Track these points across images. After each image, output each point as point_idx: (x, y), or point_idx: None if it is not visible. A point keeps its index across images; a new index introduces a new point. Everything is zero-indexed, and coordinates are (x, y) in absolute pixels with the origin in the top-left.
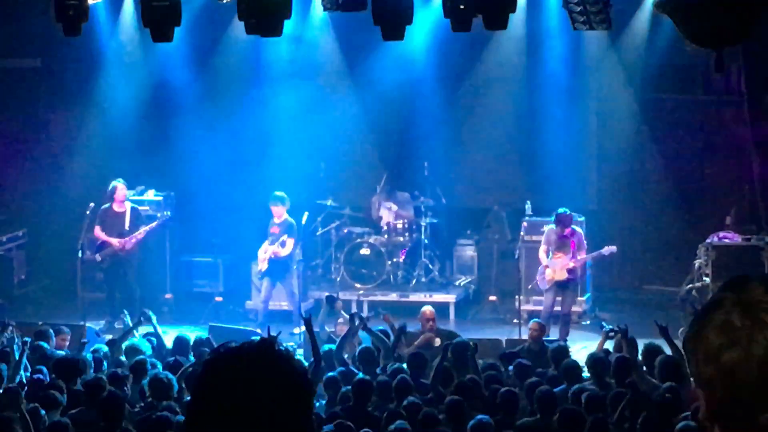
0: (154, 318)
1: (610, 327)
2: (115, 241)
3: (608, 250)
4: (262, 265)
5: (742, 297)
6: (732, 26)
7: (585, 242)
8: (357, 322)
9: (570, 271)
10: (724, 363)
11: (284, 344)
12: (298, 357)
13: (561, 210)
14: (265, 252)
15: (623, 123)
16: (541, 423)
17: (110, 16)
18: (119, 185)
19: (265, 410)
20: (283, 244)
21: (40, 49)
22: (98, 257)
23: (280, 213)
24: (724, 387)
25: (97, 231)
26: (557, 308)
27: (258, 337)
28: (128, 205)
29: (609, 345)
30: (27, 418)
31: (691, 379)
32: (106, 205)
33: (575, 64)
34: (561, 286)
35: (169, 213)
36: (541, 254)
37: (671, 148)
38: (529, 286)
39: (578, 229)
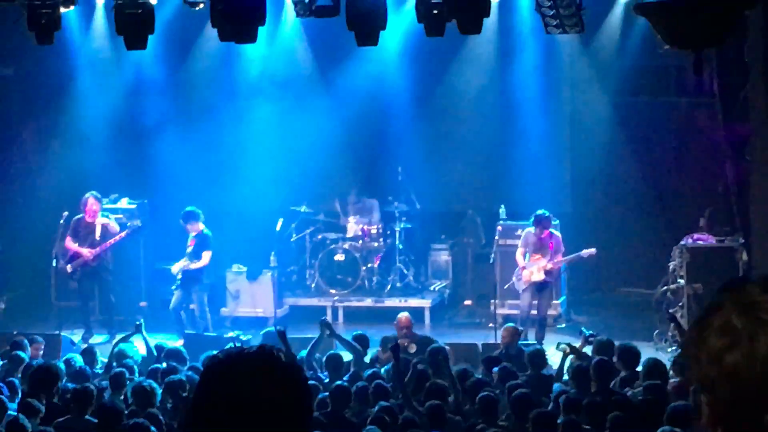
0: (143, 327)
1: (590, 332)
2: (85, 251)
3: (587, 252)
4: (178, 275)
5: (740, 298)
6: (711, 28)
7: (562, 245)
8: (326, 331)
9: (547, 273)
10: (727, 364)
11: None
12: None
13: (540, 212)
14: (181, 264)
15: (597, 125)
16: (516, 426)
17: (83, 24)
18: (90, 198)
19: (265, 416)
20: (198, 257)
21: (13, 58)
22: (69, 268)
23: (195, 228)
24: (728, 388)
25: (68, 241)
26: (534, 311)
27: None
28: (99, 221)
29: (587, 349)
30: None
31: (692, 384)
32: (79, 216)
33: (548, 68)
34: (538, 288)
35: (139, 222)
36: (518, 256)
37: (645, 150)
38: (506, 287)
39: (556, 232)
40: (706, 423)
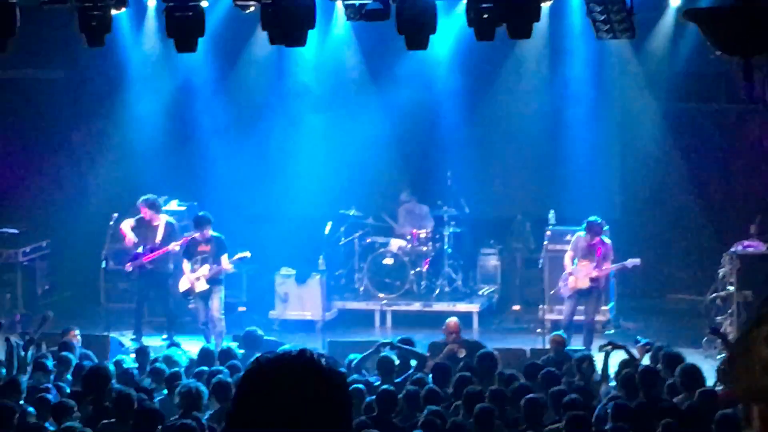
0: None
1: (646, 341)
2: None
3: (632, 263)
4: (198, 287)
5: None
6: (761, 34)
7: (612, 253)
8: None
9: (593, 279)
10: None
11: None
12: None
13: (592, 218)
14: (197, 273)
15: (646, 132)
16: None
17: (133, 27)
18: (142, 207)
19: (305, 419)
20: (218, 262)
21: (64, 61)
22: (129, 267)
23: (206, 233)
24: None
25: (130, 236)
26: (578, 317)
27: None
28: (164, 219)
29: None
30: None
31: (742, 394)
32: (140, 216)
33: (598, 73)
34: (583, 295)
35: (198, 234)
36: (567, 260)
37: (695, 156)
38: (552, 292)
39: (606, 240)
40: None
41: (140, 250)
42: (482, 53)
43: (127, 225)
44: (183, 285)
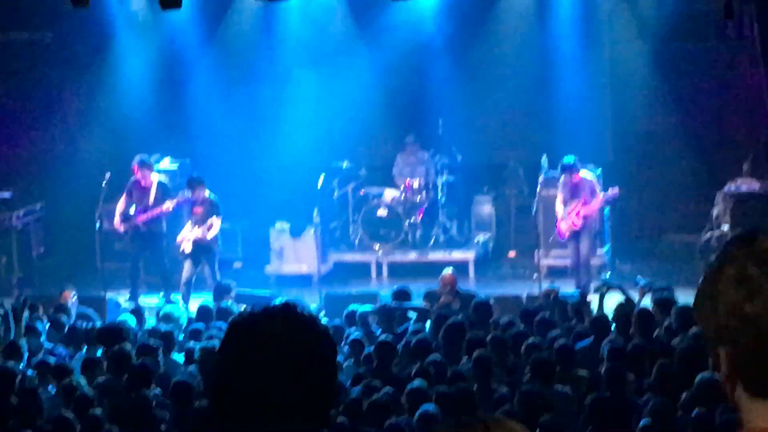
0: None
1: (646, 280)
2: (117, 221)
3: (611, 192)
4: (186, 247)
5: (754, 249)
6: None
7: (598, 189)
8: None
9: (583, 217)
10: (747, 314)
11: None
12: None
13: (565, 159)
14: (190, 233)
15: (637, 73)
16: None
17: None
18: (135, 167)
19: (290, 369)
20: (209, 226)
21: (50, 23)
22: (122, 227)
23: (201, 194)
24: (750, 339)
25: (121, 202)
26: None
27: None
28: (155, 179)
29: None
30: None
31: (708, 336)
32: (134, 177)
33: (587, 17)
34: (577, 234)
35: (189, 194)
36: (558, 205)
37: (686, 96)
38: (550, 239)
39: (589, 176)
40: (725, 376)
41: (132, 211)
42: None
43: (122, 202)
44: (181, 245)
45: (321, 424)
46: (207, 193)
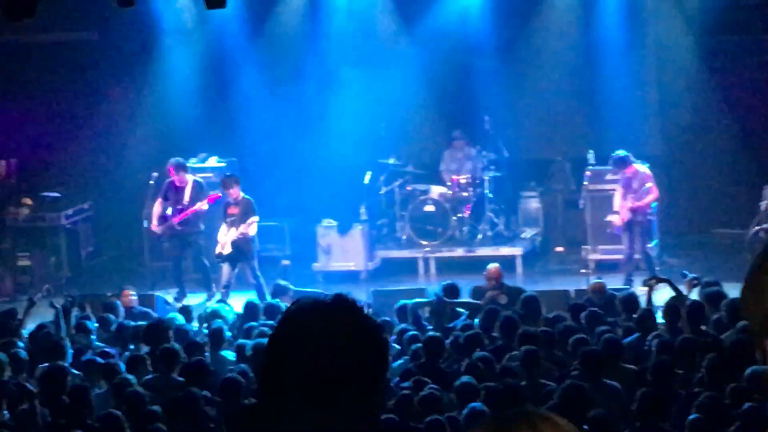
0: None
1: (693, 275)
2: (154, 223)
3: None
4: (225, 249)
5: None
6: None
7: (649, 180)
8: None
9: (632, 211)
10: None
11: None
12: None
13: (616, 152)
14: (226, 235)
15: (684, 66)
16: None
17: None
18: (170, 169)
19: (339, 360)
20: (249, 224)
21: (97, 22)
22: (158, 230)
23: (235, 193)
24: None
25: (157, 204)
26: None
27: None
28: (190, 179)
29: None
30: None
31: (755, 327)
32: (170, 178)
33: (633, 11)
34: (628, 227)
35: (219, 194)
36: (615, 198)
37: (733, 89)
38: (609, 230)
39: (642, 169)
40: None
41: (169, 211)
42: None
43: (158, 204)
44: (217, 248)
45: (370, 421)
46: (241, 193)
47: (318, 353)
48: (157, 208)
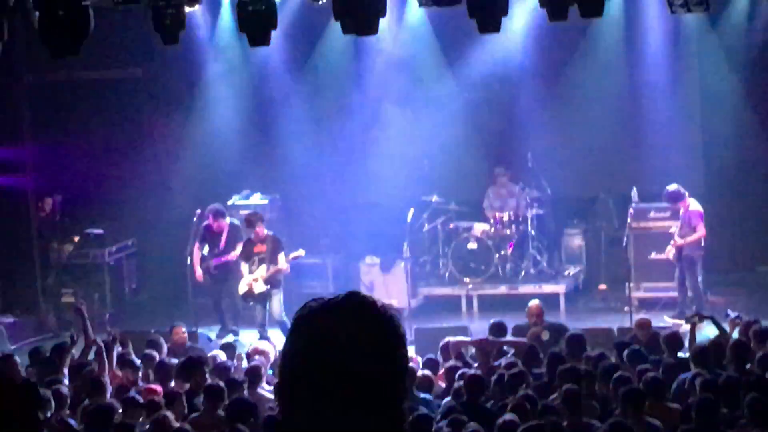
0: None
1: (736, 314)
2: (198, 272)
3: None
4: (256, 287)
5: None
6: None
7: (696, 219)
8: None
9: (677, 248)
10: None
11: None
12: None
13: (668, 187)
14: (253, 274)
15: (727, 104)
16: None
17: (208, 22)
18: (210, 217)
19: (356, 357)
20: (275, 262)
21: (141, 59)
22: (199, 277)
23: (261, 231)
24: None
25: (196, 250)
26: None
27: None
28: (226, 224)
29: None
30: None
31: None
32: (206, 221)
33: (675, 48)
34: (678, 263)
35: (252, 234)
36: (673, 229)
37: None
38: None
39: (693, 207)
40: None
41: (206, 251)
42: (556, 33)
43: (196, 248)
44: (242, 288)
45: (394, 421)
46: (265, 230)
47: (335, 357)
48: (196, 254)
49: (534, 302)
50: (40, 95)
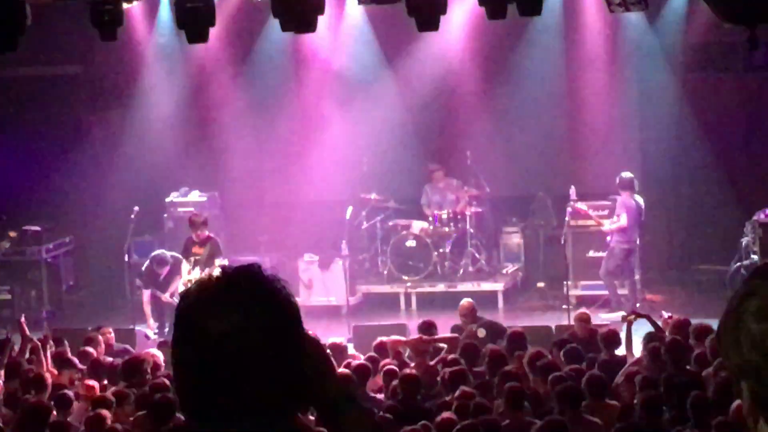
0: None
1: (668, 315)
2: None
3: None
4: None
5: None
6: (764, 3)
7: (620, 210)
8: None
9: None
10: None
11: None
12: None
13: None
14: (190, 274)
15: (665, 103)
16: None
17: (147, 19)
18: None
19: (249, 331)
20: (211, 266)
21: (80, 56)
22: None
23: (201, 234)
24: None
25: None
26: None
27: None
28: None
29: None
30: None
31: (731, 371)
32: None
33: (613, 47)
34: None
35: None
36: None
37: (714, 126)
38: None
39: (621, 198)
40: (747, 411)
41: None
42: (495, 31)
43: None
44: (180, 287)
45: (294, 409)
46: (207, 232)
47: (222, 320)
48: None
49: (464, 301)
50: None
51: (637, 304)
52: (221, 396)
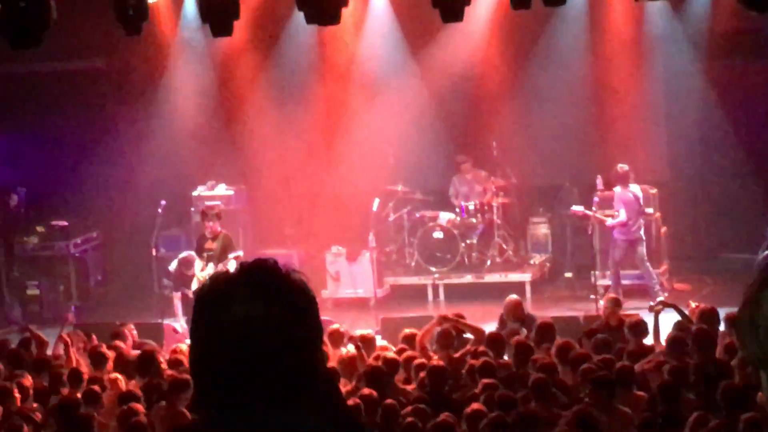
0: None
1: (696, 304)
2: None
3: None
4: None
5: None
6: None
7: (618, 205)
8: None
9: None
10: None
11: None
12: None
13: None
14: (203, 271)
15: (691, 91)
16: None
17: (172, 12)
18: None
19: (265, 323)
20: (224, 261)
21: (104, 50)
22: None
23: (214, 228)
24: None
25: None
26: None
27: None
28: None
29: None
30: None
31: (752, 360)
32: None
33: (639, 35)
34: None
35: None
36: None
37: (740, 114)
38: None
39: (618, 192)
40: (767, 400)
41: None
42: (521, 21)
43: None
44: (194, 285)
45: (315, 402)
46: (219, 227)
47: (239, 314)
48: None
49: (510, 298)
50: (1, 87)
51: (665, 293)
52: (237, 387)
